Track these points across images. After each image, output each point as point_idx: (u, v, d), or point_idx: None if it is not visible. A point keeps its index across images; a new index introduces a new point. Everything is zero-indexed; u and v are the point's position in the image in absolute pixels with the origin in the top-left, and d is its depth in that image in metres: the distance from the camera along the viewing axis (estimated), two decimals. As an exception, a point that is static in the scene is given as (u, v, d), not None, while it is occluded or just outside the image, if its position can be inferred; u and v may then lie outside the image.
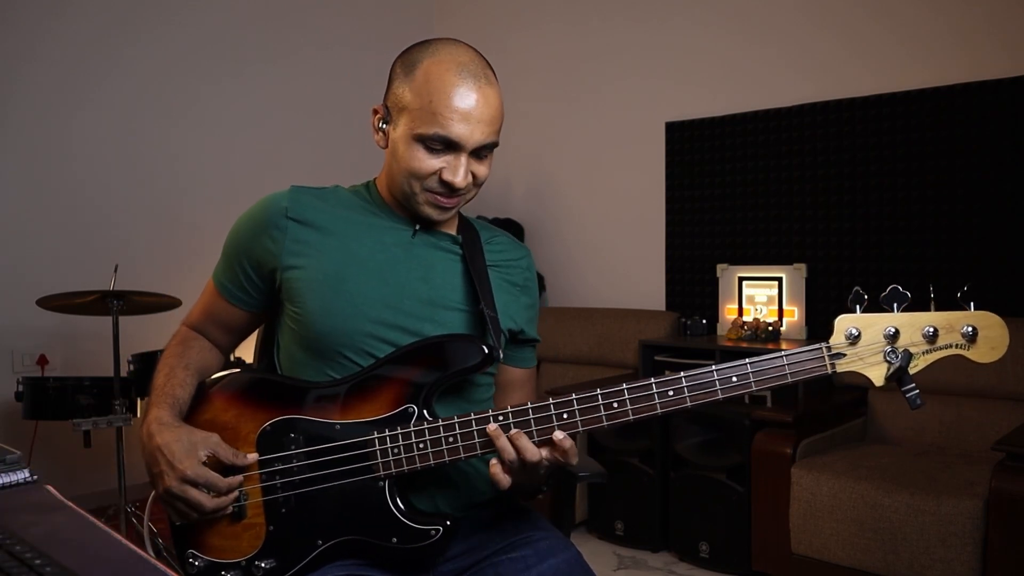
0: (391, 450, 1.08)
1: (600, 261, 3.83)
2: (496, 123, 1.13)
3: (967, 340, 0.99)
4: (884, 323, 1.00)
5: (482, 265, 1.23)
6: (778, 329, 3.02)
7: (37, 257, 3.12)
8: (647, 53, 3.64)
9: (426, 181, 1.12)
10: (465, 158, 1.11)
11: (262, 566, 1.09)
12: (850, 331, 0.99)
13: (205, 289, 1.28)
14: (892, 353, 0.99)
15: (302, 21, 3.97)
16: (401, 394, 1.10)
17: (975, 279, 2.76)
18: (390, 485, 1.09)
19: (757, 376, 1.00)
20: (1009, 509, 1.98)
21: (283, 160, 3.83)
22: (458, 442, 1.06)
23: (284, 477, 1.10)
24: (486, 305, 1.17)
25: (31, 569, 0.56)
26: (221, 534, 1.13)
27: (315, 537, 1.09)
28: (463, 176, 1.11)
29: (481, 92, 1.10)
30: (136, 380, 2.66)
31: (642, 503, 2.81)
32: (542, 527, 1.22)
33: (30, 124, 3.13)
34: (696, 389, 1.01)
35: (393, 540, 1.08)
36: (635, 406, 1.02)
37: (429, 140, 1.09)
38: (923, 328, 0.99)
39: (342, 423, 1.11)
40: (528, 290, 1.31)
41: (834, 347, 1.00)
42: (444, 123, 1.08)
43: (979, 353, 0.99)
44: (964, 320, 0.99)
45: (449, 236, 1.24)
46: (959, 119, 2.79)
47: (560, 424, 1.04)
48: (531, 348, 1.34)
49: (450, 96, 1.08)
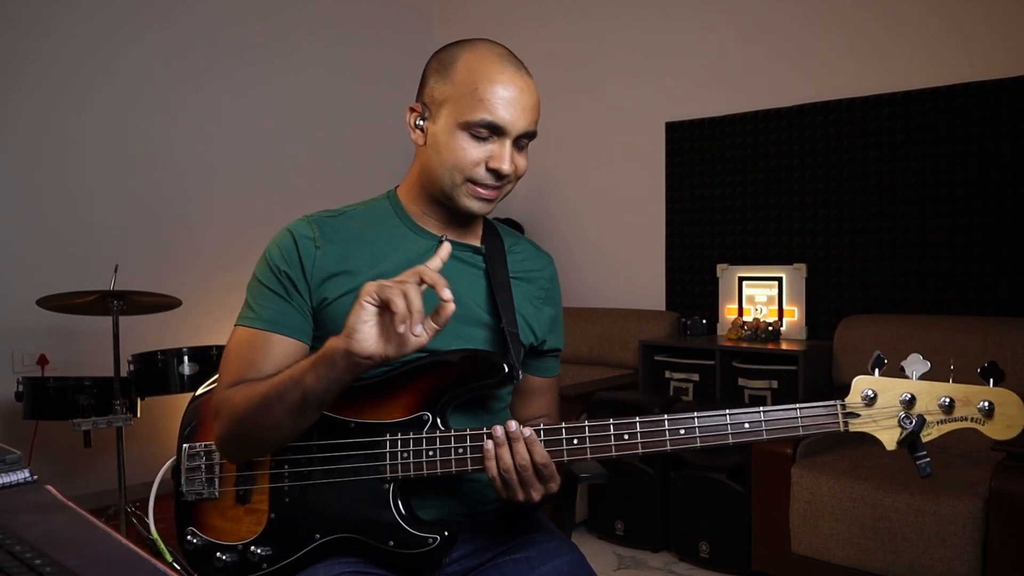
0: (400, 454, 1.08)
1: (600, 261, 3.83)
2: (536, 112, 1.14)
3: (983, 415, 0.98)
4: (901, 389, 1.00)
5: (504, 278, 1.22)
6: (778, 329, 3.02)
7: (37, 257, 3.12)
8: (647, 52, 3.64)
9: (471, 171, 1.11)
10: (510, 145, 1.11)
11: (258, 552, 1.10)
12: (866, 393, 1.01)
13: (236, 346, 1.14)
14: (906, 419, 1.00)
15: (302, 20, 3.97)
16: (418, 401, 1.11)
17: (975, 279, 2.76)
18: (395, 488, 1.09)
19: (769, 425, 1.03)
20: (1009, 509, 1.98)
21: (283, 160, 3.83)
22: (467, 454, 1.07)
23: (293, 467, 1.11)
24: (507, 322, 1.17)
25: (31, 569, 0.55)
26: (223, 516, 1.14)
27: (314, 530, 1.10)
28: (509, 162, 1.11)
29: (524, 80, 1.12)
30: (136, 380, 2.66)
31: (642, 503, 2.81)
32: (545, 528, 1.22)
33: (30, 124, 3.13)
34: (708, 431, 1.04)
35: (390, 543, 1.08)
36: (645, 440, 1.04)
37: (475, 127, 1.09)
38: (940, 398, 0.99)
39: (357, 422, 1.11)
40: (551, 300, 1.31)
41: (849, 406, 1.02)
42: (491, 108, 1.08)
43: (994, 429, 0.98)
44: (982, 395, 0.98)
45: (472, 247, 1.23)
46: (959, 119, 2.79)
47: (569, 449, 1.05)
48: (554, 357, 1.34)
49: (495, 82, 1.09)
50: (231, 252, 3.58)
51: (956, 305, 2.79)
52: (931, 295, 2.85)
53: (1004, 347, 2.45)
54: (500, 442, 1.03)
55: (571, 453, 1.05)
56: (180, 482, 1.17)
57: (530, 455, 1.03)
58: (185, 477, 1.16)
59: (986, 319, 2.62)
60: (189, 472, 1.16)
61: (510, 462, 1.03)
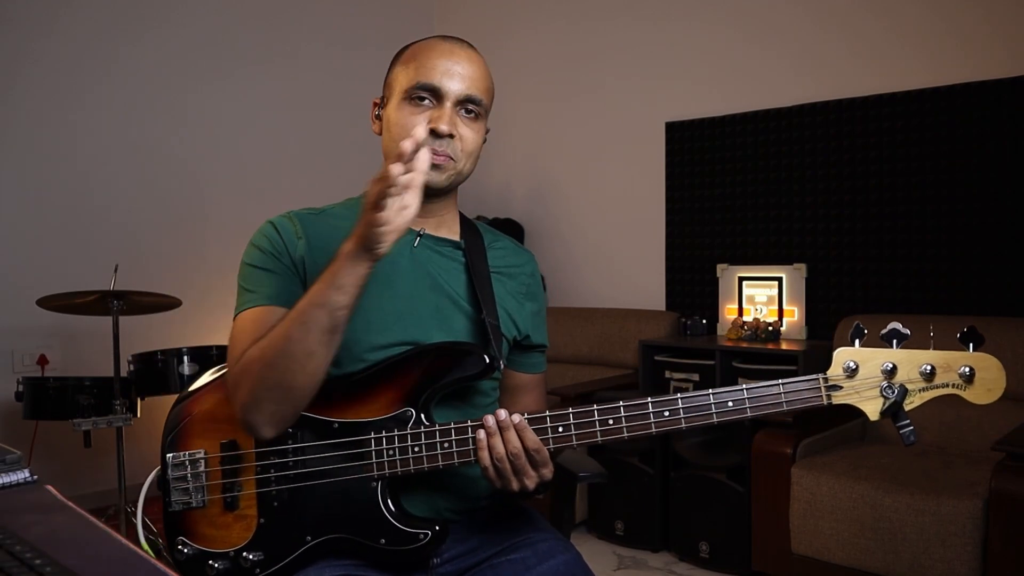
0: (386, 451, 1.08)
1: (600, 261, 3.83)
2: (481, 81, 1.17)
3: (964, 380, 0.99)
4: (882, 358, 1.01)
5: (484, 271, 1.23)
6: (778, 329, 3.02)
7: (37, 257, 3.12)
8: (647, 53, 3.64)
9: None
10: (449, 108, 1.14)
11: (250, 558, 1.10)
12: (848, 364, 1.01)
13: (240, 329, 1.13)
14: (888, 388, 1.00)
15: (303, 21, 3.97)
16: (400, 397, 1.11)
17: (975, 279, 2.76)
18: (383, 486, 1.09)
19: (753, 402, 1.03)
20: (1009, 509, 1.98)
21: (283, 160, 3.83)
22: (453, 447, 1.07)
23: (279, 471, 1.11)
24: (487, 313, 1.18)
25: (31, 569, 0.56)
26: (212, 524, 1.14)
27: (304, 533, 1.10)
28: (447, 121, 1.13)
29: (464, 52, 1.17)
30: (136, 380, 2.66)
31: (642, 503, 2.81)
32: (542, 528, 1.22)
33: (30, 124, 3.13)
34: (692, 411, 1.03)
35: (381, 541, 1.08)
36: (630, 424, 1.05)
37: (414, 92, 1.14)
38: (921, 366, 1.00)
39: (340, 421, 1.11)
40: (533, 296, 1.31)
41: (831, 379, 1.02)
42: (427, 72, 1.14)
43: (975, 394, 1.00)
44: (962, 361, 0.99)
45: (451, 242, 1.24)
46: (959, 119, 2.79)
47: (555, 437, 1.06)
48: (539, 353, 1.34)
49: (434, 52, 1.16)
50: (231, 252, 3.54)
51: (956, 305, 2.79)
52: (931, 295, 2.85)
53: (1004, 347, 2.44)
54: (492, 431, 1.04)
55: (556, 440, 1.06)
56: (167, 492, 1.16)
57: (521, 442, 1.04)
58: (171, 487, 1.16)
59: (986, 319, 2.61)
60: (175, 482, 1.15)
61: (503, 450, 1.04)
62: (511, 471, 1.04)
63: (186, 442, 1.17)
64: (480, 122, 1.18)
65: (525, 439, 1.04)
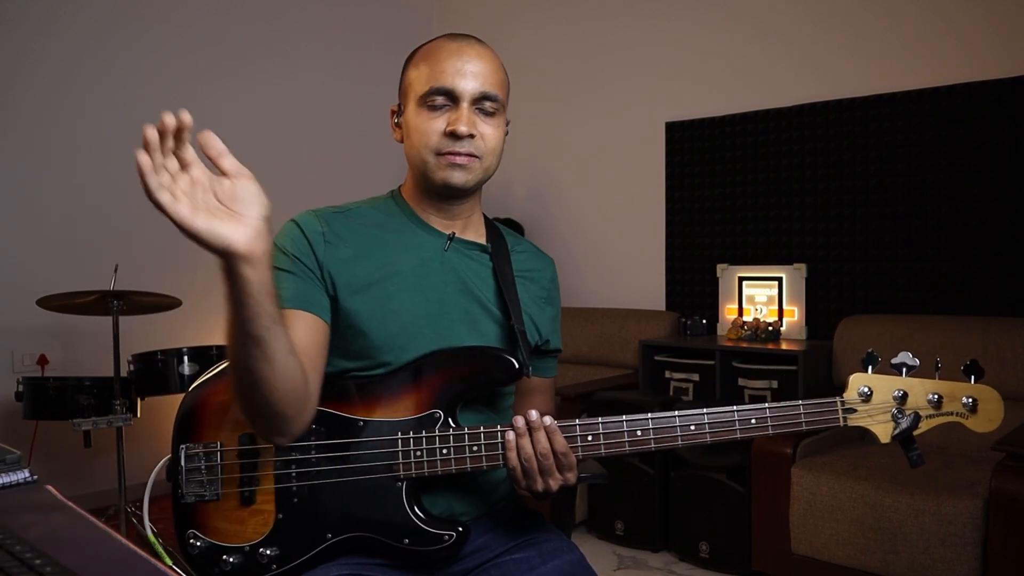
0: (414, 452, 1.08)
1: (600, 261, 3.83)
2: (493, 76, 1.16)
3: (967, 410, 1.07)
4: (894, 385, 1.09)
5: (510, 276, 1.23)
6: (778, 329, 3.02)
7: (37, 257, 3.12)
8: (647, 53, 3.64)
9: (436, 142, 1.13)
10: (466, 108, 1.13)
11: (266, 553, 1.09)
12: (862, 389, 1.09)
13: None
14: (899, 414, 1.08)
15: (303, 21, 3.97)
16: (429, 398, 1.11)
17: (975, 279, 2.76)
18: (408, 487, 1.09)
19: (775, 421, 1.08)
20: (1009, 509, 1.98)
21: (283, 159, 3.82)
22: (481, 451, 1.07)
23: (300, 467, 1.10)
24: (515, 318, 1.18)
25: (31, 569, 0.55)
26: (226, 517, 1.11)
27: (325, 530, 1.09)
28: (465, 123, 1.12)
29: (474, 49, 1.16)
30: (136, 380, 2.66)
31: (642, 503, 2.81)
32: (546, 529, 1.23)
33: (30, 124, 3.13)
34: (717, 426, 1.08)
35: (405, 541, 1.08)
36: (657, 436, 1.08)
37: (429, 97, 1.13)
38: (928, 394, 1.08)
39: (367, 420, 1.10)
40: (552, 301, 1.32)
41: (848, 402, 1.10)
42: (439, 76, 1.13)
43: (977, 423, 1.08)
44: (966, 391, 1.08)
45: (478, 245, 1.23)
46: (959, 119, 2.79)
47: (584, 445, 1.07)
48: (553, 357, 1.35)
49: (443, 53, 1.14)
50: (231, 252, 3.57)
51: (956, 305, 2.79)
52: (931, 295, 2.85)
53: (1004, 347, 2.44)
54: (522, 432, 1.05)
55: (584, 450, 1.07)
56: (179, 483, 1.14)
57: (550, 444, 1.04)
58: (185, 478, 1.13)
59: (986, 319, 2.61)
60: (189, 473, 1.13)
61: (531, 450, 1.04)
62: (537, 471, 1.05)
63: (201, 433, 1.14)
64: (499, 117, 1.19)
65: (554, 441, 1.05)
